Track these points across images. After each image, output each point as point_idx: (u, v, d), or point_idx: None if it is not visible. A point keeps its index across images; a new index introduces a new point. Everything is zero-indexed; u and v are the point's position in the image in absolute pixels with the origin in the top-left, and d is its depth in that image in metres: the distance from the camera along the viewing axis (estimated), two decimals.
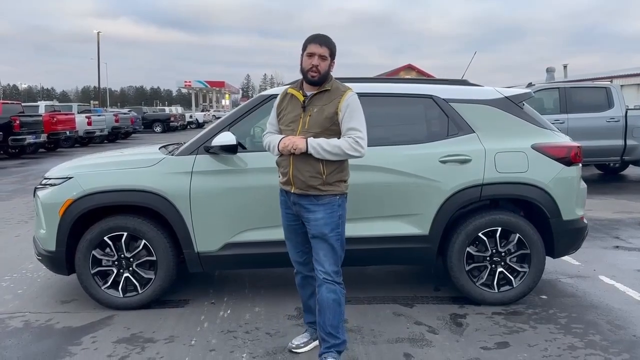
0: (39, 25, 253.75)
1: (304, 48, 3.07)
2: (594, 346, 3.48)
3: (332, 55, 3.07)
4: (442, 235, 4.10)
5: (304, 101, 3.07)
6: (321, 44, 3.03)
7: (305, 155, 2.99)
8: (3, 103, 17.95)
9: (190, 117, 43.84)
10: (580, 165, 4.29)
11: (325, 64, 3.03)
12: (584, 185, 4.35)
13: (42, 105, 22.49)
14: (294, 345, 3.41)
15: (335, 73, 3.18)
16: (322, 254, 3.08)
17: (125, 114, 29.48)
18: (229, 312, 4.07)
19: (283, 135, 3.07)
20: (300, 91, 3.11)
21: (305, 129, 3.03)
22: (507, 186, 4.11)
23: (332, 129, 3.02)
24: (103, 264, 4.06)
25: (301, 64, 3.08)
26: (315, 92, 3.06)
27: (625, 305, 4.19)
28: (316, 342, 3.36)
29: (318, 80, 3.04)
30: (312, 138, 2.98)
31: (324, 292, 3.07)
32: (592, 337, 3.62)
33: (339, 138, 3.00)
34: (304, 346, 3.41)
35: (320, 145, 2.95)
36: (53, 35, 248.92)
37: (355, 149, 2.98)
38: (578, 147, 4.25)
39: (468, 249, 4.09)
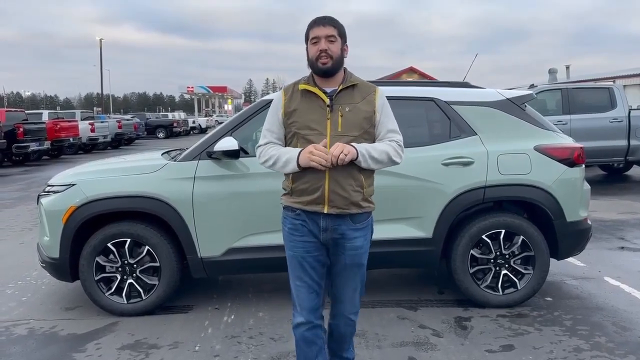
0: (42, 33, 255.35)
1: (307, 37, 2.57)
2: (599, 348, 3.46)
3: (342, 36, 2.55)
4: (445, 238, 4.08)
5: (330, 98, 2.52)
6: (324, 25, 2.51)
7: (346, 165, 2.43)
8: (6, 111, 18.07)
9: (193, 122, 43.97)
10: (584, 166, 4.28)
11: (336, 46, 2.51)
12: (587, 186, 4.33)
13: (45, 113, 22.56)
14: None
15: None
16: (353, 287, 2.66)
17: (128, 120, 29.59)
18: (232, 317, 4.06)
19: (299, 149, 2.48)
20: (316, 87, 2.55)
21: (338, 131, 2.48)
22: (510, 188, 4.09)
23: (370, 131, 2.56)
24: (107, 271, 4.06)
25: (307, 56, 2.56)
26: (341, 87, 2.54)
27: (631, 306, 4.17)
28: None
29: (331, 68, 2.50)
30: (356, 143, 2.47)
31: (343, 326, 2.74)
32: (597, 339, 3.60)
33: (373, 142, 2.57)
34: None
35: (368, 152, 2.47)
36: (56, 42, 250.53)
37: (399, 155, 2.56)
38: (581, 148, 4.24)
39: (472, 251, 4.08)
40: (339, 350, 2.87)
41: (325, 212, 2.51)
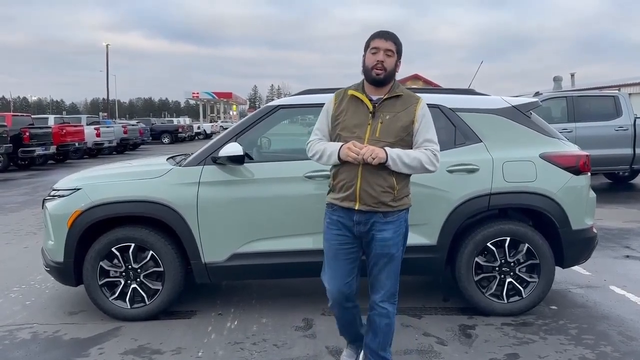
0: (50, 39, 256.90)
1: (367, 45, 2.81)
2: (605, 357, 3.43)
3: (399, 52, 2.81)
4: (450, 245, 4.07)
5: (373, 105, 2.78)
6: (386, 39, 2.76)
7: (377, 166, 2.68)
8: (13, 115, 18.17)
9: (198, 128, 44.06)
10: (589, 174, 4.26)
11: (392, 60, 2.77)
12: (593, 194, 4.31)
13: (51, 117, 22.68)
14: None
15: (343, 84, 3.10)
16: (385, 275, 2.85)
17: (133, 125, 29.69)
18: (236, 323, 4.05)
19: (341, 143, 2.74)
20: (364, 94, 2.82)
21: (375, 137, 2.73)
22: (515, 196, 4.08)
23: (407, 139, 2.77)
24: (111, 275, 4.06)
25: (363, 63, 2.81)
26: (386, 96, 2.80)
27: (636, 315, 4.13)
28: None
29: (383, 79, 2.76)
30: (389, 148, 2.69)
31: (377, 317, 2.89)
32: (603, 348, 3.57)
33: (410, 149, 2.78)
34: None
35: (400, 157, 2.69)
36: (63, 48, 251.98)
37: (432, 163, 2.76)
38: (587, 156, 4.23)
39: (476, 259, 4.06)
40: (377, 347, 2.93)
41: (356, 208, 2.77)
